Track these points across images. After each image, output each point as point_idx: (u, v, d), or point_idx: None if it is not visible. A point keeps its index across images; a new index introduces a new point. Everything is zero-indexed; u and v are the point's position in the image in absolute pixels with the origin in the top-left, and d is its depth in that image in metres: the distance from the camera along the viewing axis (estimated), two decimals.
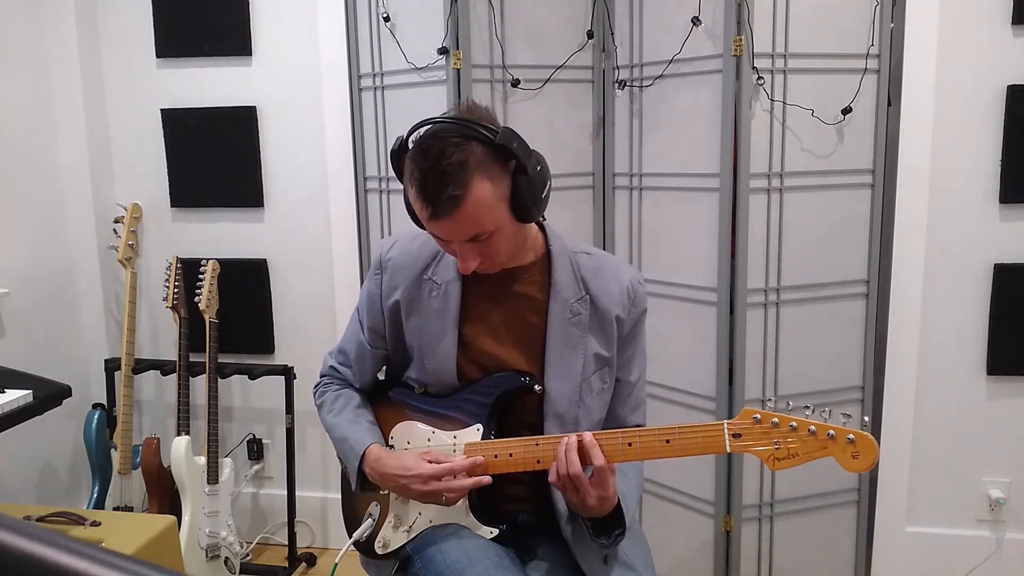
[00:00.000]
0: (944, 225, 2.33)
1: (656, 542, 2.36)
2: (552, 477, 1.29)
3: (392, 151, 1.32)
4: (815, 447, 1.20)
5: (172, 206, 2.75)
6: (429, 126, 1.27)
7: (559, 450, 1.28)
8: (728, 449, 1.25)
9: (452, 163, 1.21)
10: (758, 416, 1.23)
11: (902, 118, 2.29)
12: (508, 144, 1.23)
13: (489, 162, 1.24)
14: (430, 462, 1.34)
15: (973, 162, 2.30)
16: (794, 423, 1.21)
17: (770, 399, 1.25)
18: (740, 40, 2.08)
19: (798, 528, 2.35)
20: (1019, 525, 2.44)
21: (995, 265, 2.33)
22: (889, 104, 2.23)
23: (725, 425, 1.25)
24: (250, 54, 2.63)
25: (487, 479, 1.33)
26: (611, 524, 1.33)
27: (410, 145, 1.28)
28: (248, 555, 2.74)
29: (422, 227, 1.33)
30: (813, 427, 1.20)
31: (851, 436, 1.17)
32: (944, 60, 2.26)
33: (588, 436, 1.27)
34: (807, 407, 1.23)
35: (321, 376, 1.63)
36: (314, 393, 1.62)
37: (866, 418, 1.19)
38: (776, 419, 1.22)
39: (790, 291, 2.24)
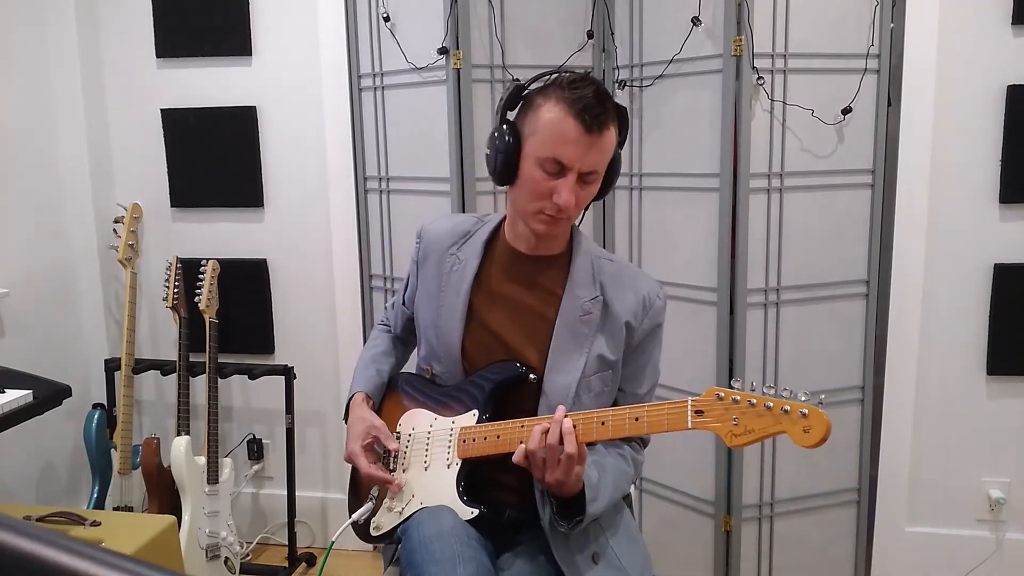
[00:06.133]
0: (944, 225, 2.33)
1: (656, 542, 2.37)
2: (517, 456, 1.32)
3: (516, 87, 1.40)
4: (770, 423, 1.21)
5: (172, 206, 2.75)
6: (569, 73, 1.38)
7: (534, 429, 1.30)
8: (690, 425, 1.26)
9: (608, 93, 1.36)
10: (721, 394, 1.25)
11: (902, 118, 2.29)
12: (625, 109, 1.39)
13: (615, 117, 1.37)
14: (371, 437, 1.48)
15: (973, 162, 2.30)
16: (753, 400, 1.22)
17: (736, 380, 1.26)
18: (740, 40, 2.08)
19: (798, 528, 2.35)
20: (1019, 525, 2.44)
21: (995, 265, 2.33)
22: (889, 104, 2.23)
23: (689, 402, 1.27)
24: (250, 54, 2.63)
25: (396, 485, 1.45)
26: (575, 510, 1.35)
27: (537, 85, 1.39)
28: (248, 555, 2.74)
29: (507, 171, 1.38)
30: (770, 403, 1.21)
31: (804, 411, 1.18)
32: (944, 60, 2.26)
33: (567, 423, 1.29)
34: (770, 386, 1.24)
35: (384, 308, 1.80)
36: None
37: (822, 396, 1.19)
38: (737, 397, 1.24)
39: (790, 291, 2.24)
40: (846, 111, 2.16)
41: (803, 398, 1.20)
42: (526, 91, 1.39)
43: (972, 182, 2.31)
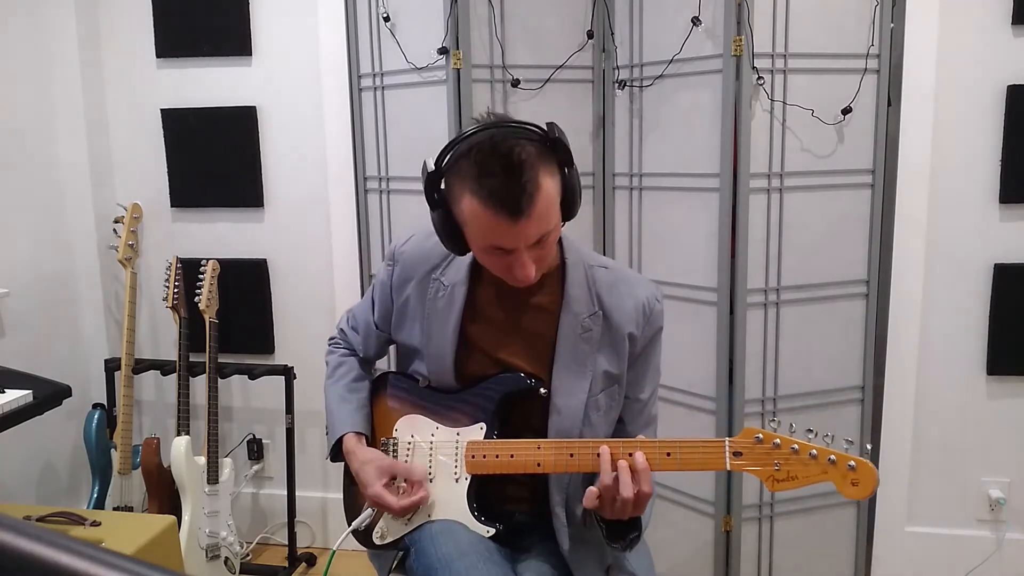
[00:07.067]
0: (944, 225, 2.33)
1: (656, 542, 2.36)
2: (589, 501, 1.25)
3: (429, 175, 1.27)
4: (815, 471, 1.19)
5: (172, 206, 2.75)
6: (478, 136, 1.23)
7: (620, 475, 1.24)
8: (728, 467, 1.24)
9: (523, 159, 1.19)
10: (760, 436, 1.22)
11: (902, 118, 2.29)
12: (558, 139, 1.24)
13: (544, 157, 1.23)
14: (391, 474, 1.40)
15: (973, 162, 2.30)
16: (795, 446, 1.20)
17: (773, 420, 1.24)
18: (740, 40, 2.07)
19: (798, 528, 2.35)
20: (1019, 525, 2.44)
21: (995, 265, 2.33)
22: (889, 104, 2.23)
23: (727, 443, 1.24)
24: (250, 54, 2.62)
25: (423, 496, 1.37)
26: (627, 528, 1.33)
27: (448, 162, 1.26)
28: (248, 555, 2.74)
29: (458, 250, 1.31)
30: (815, 451, 1.19)
31: (852, 463, 1.17)
32: (944, 60, 2.26)
33: (642, 460, 1.24)
34: (810, 430, 1.22)
35: (337, 330, 1.66)
36: (327, 347, 1.67)
37: (868, 446, 1.18)
38: (778, 440, 1.21)
39: (790, 291, 2.23)
40: (846, 111, 2.16)
41: (844, 446, 1.19)
42: (442, 173, 1.27)
43: (972, 182, 2.31)
